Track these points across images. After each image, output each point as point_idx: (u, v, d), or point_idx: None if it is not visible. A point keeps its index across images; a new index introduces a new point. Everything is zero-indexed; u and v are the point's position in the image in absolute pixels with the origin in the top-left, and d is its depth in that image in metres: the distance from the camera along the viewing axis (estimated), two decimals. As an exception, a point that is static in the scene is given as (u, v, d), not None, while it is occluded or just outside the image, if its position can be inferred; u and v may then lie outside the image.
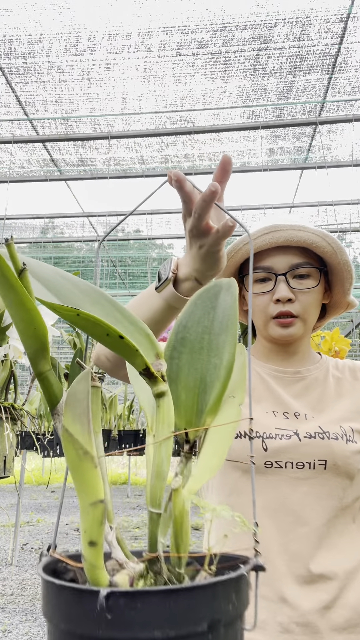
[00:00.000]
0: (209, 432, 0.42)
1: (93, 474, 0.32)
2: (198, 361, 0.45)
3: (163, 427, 0.39)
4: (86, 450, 0.32)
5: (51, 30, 2.80)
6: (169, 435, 0.39)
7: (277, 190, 4.64)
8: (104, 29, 2.80)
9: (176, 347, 0.46)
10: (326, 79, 3.14)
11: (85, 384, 0.35)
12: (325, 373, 0.99)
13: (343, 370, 1.01)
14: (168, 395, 0.40)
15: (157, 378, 0.39)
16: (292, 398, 0.94)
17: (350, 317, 6.74)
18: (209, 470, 0.38)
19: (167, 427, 0.39)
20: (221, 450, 0.39)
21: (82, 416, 0.33)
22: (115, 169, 4.12)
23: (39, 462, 15.91)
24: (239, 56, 2.97)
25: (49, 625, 0.33)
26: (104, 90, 3.26)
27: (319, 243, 0.92)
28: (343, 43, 2.86)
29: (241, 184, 4.55)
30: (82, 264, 6.37)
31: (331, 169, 3.76)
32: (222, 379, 0.43)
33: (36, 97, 3.32)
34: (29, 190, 4.68)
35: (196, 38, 2.83)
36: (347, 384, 0.98)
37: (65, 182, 4.33)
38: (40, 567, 0.35)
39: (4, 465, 1.30)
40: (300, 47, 2.90)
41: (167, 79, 3.14)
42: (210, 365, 0.44)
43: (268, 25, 2.75)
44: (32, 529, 6.77)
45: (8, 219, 4.94)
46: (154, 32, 2.80)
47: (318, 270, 0.95)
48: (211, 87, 3.21)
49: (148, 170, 4.08)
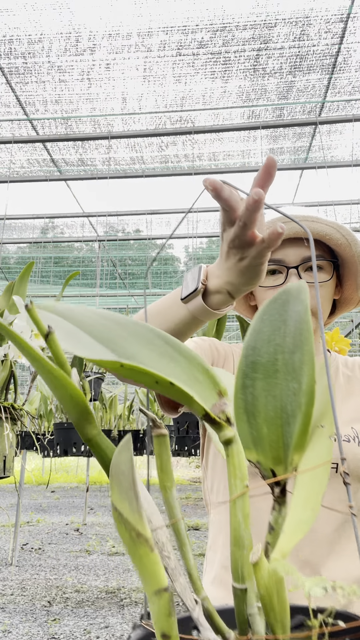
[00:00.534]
0: (299, 472, 0.36)
1: (150, 559, 0.28)
2: (275, 387, 0.39)
3: (235, 481, 0.34)
4: (139, 533, 0.29)
5: (51, 30, 2.80)
6: (244, 491, 0.34)
7: (277, 190, 4.64)
8: (104, 29, 2.80)
9: (248, 374, 0.40)
10: (326, 79, 3.14)
11: (128, 452, 0.31)
12: (335, 371, 0.96)
13: (353, 368, 0.97)
14: (237, 441, 0.35)
15: (221, 423, 0.35)
16: None
17: (350, 317, 6.74)
18: (302, 524, 0.32)
19: (239, 481, 0.34)
20: (315, 497, 0.33)
21: (129, 492, 0.29)
22: (115, 169, 4.12)
23: (39, 462, 15.90)
24: (239, 56, 2.97)
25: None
26: (104, 90, 3.26)
27: (333, 235, 0.88)
28: (343, 43, 2.86)
29: (241, 184, 4.54)
30: (82, 264, 6.37)
31: (331, 169, 3.76)
32: (304, 406, 0.36)
33: (36, 97, 3.32)
34: (29, 190, 4.68)
35: (196, 38, 2.83)
36: (358, 382, 0.95)
37: (65, 182, 4.33)
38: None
39: (4, 465, 1.30)
40: (300, 47, 2.90)
41: (167, 79, 3.14)
42: (289, 390, 0.38)
43: (268, 25, 2.75)
44: (32, 529, 6.77)
45: (8, 219, 4.94)
46: (154, 32, 2.80)
47: (331, 263, 0.91)
48: (211, 87, 3.21)
49: (148, 170, 4.08)
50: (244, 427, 0.38)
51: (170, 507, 0.35)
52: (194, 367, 0.37)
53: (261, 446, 0.37)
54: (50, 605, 3.76)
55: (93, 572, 4.66)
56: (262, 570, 0.30)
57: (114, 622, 3.44)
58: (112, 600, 3.90)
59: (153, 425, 0.34)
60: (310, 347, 0.38)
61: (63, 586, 4.24)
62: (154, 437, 0.34)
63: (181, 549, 0.35)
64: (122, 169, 4.15)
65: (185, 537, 0.35)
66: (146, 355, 0.36)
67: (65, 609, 3.69)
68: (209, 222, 5.09)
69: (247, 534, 0.32)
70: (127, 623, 3.41)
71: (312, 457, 0.35)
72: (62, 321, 0.39)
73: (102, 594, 4.04)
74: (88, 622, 3.44)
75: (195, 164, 4.08)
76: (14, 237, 5.49)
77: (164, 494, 0.35)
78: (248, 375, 0.40)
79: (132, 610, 3.68)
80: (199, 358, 0.38)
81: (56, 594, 4.02)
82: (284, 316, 0.41)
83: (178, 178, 4.38)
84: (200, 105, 3.40)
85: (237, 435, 0.35)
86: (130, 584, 4.31)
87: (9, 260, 6.34)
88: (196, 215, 4.76)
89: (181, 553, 0.35)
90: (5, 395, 1.42)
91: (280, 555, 0.30)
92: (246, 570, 0.32)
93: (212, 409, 0.35)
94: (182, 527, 0.35)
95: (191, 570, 0.34)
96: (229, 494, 0.34)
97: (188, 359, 0.38)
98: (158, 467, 0.35)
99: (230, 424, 0.35)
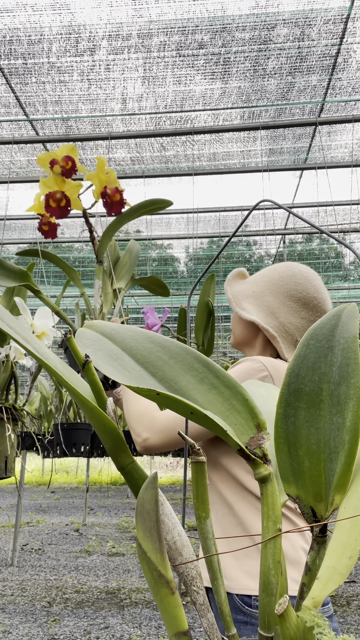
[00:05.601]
0: (339, 515, 0.33)
1: (171, 601, 0.28)
2: (319, 418, 0.36)
3: (268, 523, 0.32)
4: (160, 573, 0.28)
5: (51, 31, 2.80)
6: (277, 534, 0.32)
7: (277, 190, 4.64)
8: (104, 30, 2.80)
9: (290, 403, 0.37)
10: (326, 80, 3.14)
11: (153, 490, 0.30)
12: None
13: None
14: (272, 481, 0.33)
15: (256, 460, 0.33)
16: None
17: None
18: (337, 574, 0.29)
19: (272, 523, 0.32)
20: (353, 545, 0.30)
21: (152, 531, 0.29)
22: (115, 170, 4.12)
23: (39, 462, 15.89)
24: (239, 57, 2.97)
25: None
26: (104, 90, 3.26)
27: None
28: (343, 44, 2.86)
29: (241, 185, 4.56)
30: (83, 264, 6.37)
31: (331, 169, 3.76)
32: (347, 444, 0.33)
33: (36, 98, 3.32)
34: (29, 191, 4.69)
35: (196, 39, 2.83)
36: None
37: (65, 183, 4.32)
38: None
39: (5, 465, 1.30)
40: (300, 47, 2.90)
41: (167, 79, 3.14)
42: (332, 425, 0.35)
43: (268, 26, 2.75)
44: (32, 529, 6.77)
45: (8, 219, 4.94)
46: (154, 33, 2.80)
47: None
48: (211, 87, 3.22)
49: (148, 171, 4.09)
50: (284, 458, 0.35)
51: (205, 538, 0.34)
52: (233, 395, 0.36)
53: (302, 480, 0.35)
54: (50, 606, 3.76)
55: (93, 573, 4.66)
56: (288, 622, 0.28)
57: (114, 622, 3.44)
58: (112, 601, 3.90)
59: (191, 452, 0.32)
60: (357, 380, 0.34)
61: (63, 587, 4.24)
62: (192, 464, 0.33)
63: (213, 583, 0.34)
64: (122, 169, 4.15)
65: (218, 570, 0.33)
66: (187, 381, 0.35)
67: (65, 610, 3.68)
68: (209, 222, 5.09)
69: (275, 579, 0.30)
70: (127, 624, 3.41)
71: (353, 500, 0.32)
72: (107, 342, 0.38)
73: (102, 595, 4.04)
74: (88, 622, 3.44)
75: (195, 164, 4.08)
76: (14, 238, 5.49)
77: (199, 523, 0.34)
78: (291, 404, 0.37)
79: (132, 610, 3.68)
80: (239, 387, 0.36)
81: (56, 595, 4.02)
82: (331, 342, 0.37)
83: (178, 178, 4.38)
84: (200, 106, 3.40)
85: (273, 474, 0.33)
86: (130, 585, 4.31)
87: (9, 260, 6.34)
88: (196, 216, 4.76)
89: (213, 587, 0.34)
90: (6, 396, 1.42)
91: (312, 604, 0.28)
92: (273, 618, 0.30)
93: (249, 443, 0.33)
94: (216, 560, 0.33)
95: (222, 605, 0.33)
96: (261, 536, 0.32)
97: (228, 387, 0.36)
98: (194, 496, 0.33)
99: (267, 461, 0.33)
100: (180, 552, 0.32)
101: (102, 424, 0.34)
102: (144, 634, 3.21)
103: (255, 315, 1.09)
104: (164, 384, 0.36)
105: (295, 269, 1.11)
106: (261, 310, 1.09)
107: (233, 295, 1.13)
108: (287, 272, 1.10)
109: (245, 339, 1.14)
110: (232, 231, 2.43)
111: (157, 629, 3.28)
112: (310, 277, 1.10)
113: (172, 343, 0.38)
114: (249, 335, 1.13)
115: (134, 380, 0.35)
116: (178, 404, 0.31)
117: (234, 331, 1.17)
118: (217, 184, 4.52)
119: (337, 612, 3.58)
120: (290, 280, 1.09)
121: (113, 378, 0.34)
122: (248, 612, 0.91)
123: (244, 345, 1.15)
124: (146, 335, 0.39)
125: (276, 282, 1.10)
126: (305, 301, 1.08)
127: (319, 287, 1.09)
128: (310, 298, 1.08)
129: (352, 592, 4.09)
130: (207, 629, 0.32)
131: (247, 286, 1.14)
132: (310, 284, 1.09)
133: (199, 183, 4.44)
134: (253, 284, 1.14)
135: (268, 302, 1.10)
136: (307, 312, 1.08)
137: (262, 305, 1.10)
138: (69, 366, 0.37)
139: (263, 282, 1.12)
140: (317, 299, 1.08)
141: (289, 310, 1.08)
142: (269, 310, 1.09)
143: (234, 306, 1.12)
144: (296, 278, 1.09)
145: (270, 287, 1.10)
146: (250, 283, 1.15)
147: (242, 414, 0.35)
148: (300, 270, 1.10)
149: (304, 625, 0.28)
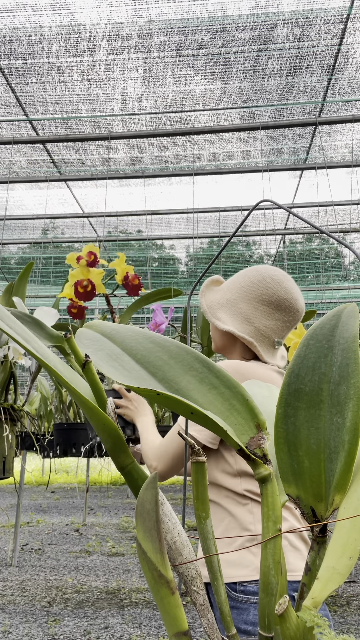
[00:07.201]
0: (339, 515, 0.33)
1: (171, 601, 0.28)
2: (319, 419, 0.36)
3: (268, 524, 0.32)
4: (160, 573, 0.28)
5: (51, 31, 2.80)
6: (277, 534, 0.32)
7: (277, 190, 4.64)
8: (104, 30, 2.80)
9: (290, 403, 0.37)
10: (326, 80, 3.14)
11: (153, 490, 0.30)
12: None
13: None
14: (272, 481, 0.33)
15: (256, 460, 0.33)
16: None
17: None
18: (337, 574, 0.29)
19: (272, 523, 0.32)
20: (353, 545, 0.30)
21: (152, 531, 0.29)
22: (115, 170, 4.12)
23: (38, 462, 15.89)
24: (239, 57, 2.97)
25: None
26: (104, 91, 3.26)
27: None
28: (343, 44, 2.87)
29: (241, 185, 4.55)
30: (82, 264, 6.37)
31: (331, 169, 3.76)
32: (347, 444, 0.33)
33: (36, 98, 3.32)
34: (28, 191, 4.69)
35: (196, 39, 2.83)
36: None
37: (65, 183, 4.33)
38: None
39: (3, 466, 1.30)
40: (300, 47, 2.90)
41: (167, 79, 3.14)
42: (332, 425, 0.35)
43: (268, 26, 2.75)
44: (32, 529, 6.77)
45: (8, 219, 4.94)
46: (154, 33, 2.80)
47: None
48: (211, 87, 3.22)
49: (148, 171, 4.08)
50: (284, 458, 0.35)
51: (205, 538, 0.34)
52: (233, 396, 0.36)
53: (302, 480, 0.34)
54: (50, 606, 3.76)
55: (93, 573, 4.66)
56: (288, 622, 0.28)
57: (114, 622, 3.44)
58: (112, 601, 3.90)
59: (191, 452, 0.32)
60: (357, 380, 0.34)
61: (63, 587, 4.24)
62: (192, 464, 0.32)
63: (213, 583, 0.34)
64: (122, 169, 4.15)
65: (218, 570, 0.33)
66: (187, 381, 0.35)
67: (65, 610, 3.68)
68: (209, 222, 5.09)
69: (276, 581, 0.30)
70: (127, 624, 3.41)
71: (353, 501, 0.32)
72: (107, 342, 0.38)
73: (102, 595, 4.04)
74: (88, 622, 3.44)
75: (195, 164, 4.08)
76: (14, 238, 5.49)
77: (199, 523, 0.34)
78: (290, 405, 0.37)
79: (132, 610, 3.68)
80: (240, 387, 0.36)
81: (56, 595, 4.02)
82: (331, 342, 0.37)
83: (178, 178, 4.38)
84: (200, 106, 3.40)
85: (273, 474, 0.33)
86: (130, 585, 4.31)
87: (10, 260, 6.34)
88: (196, 216, 4.76)
89: (213, 587, 0.34)
90: (5, 396, 1.42)
91: (312, 604, 0.28)
92: (273, 618, 0.30)
93: (249, 443, 0.33)
94: (216, 560, 0.33)
95: (222, 605, 0.33)
96: (262, 536, 0.31)
97: (228, 387, 0.36)
98: (194, 496, 0.33)
99: (267, 461, 0.33)
100: (180, 552, 0.32)
101: (102, 424, 0.34)
102: (144, 634, 3.21)
103: (230, 324, 1.13)
104: (164, 384, 0.36)
105: (264, 273, 1.14)
106: (236, 318, 1.13)
107: (208, 306, 1.17)
108: (257, 277, 1.14)
109: (224, 345, 1.19)
110: (232, 231, 2.43)
111: (157, 629, 3.28)
112: (280, 279, 1.13)
113: (172, 343, 0.38)
114: (228, 342, 1.18)
115: (134, 381, 0.35)
116: (178, 404, 0.31)
117: (214, 339, 1.21)
118: (217, 184, 4.52)
119: (337, 612, 3.58)
120: (260, 285, 1.12)
121: (113, 378, 0.34)
122: (234, 596, 0.95)
123: (224, 350, 1.20)
124: (146, 335, 0.39)
125: (247, 288, 1.13)
126: (277, 304, 1.11)
127: (289, 288, 1.13)
128: (281, 300, 1.11)
129: (352, 592, 4.09)
130: (207, 629, 0.32)
131: (221, 294, 1.18)
132: (280, 286, 1.12)
133: (199, 183, 4.44)
134: (226, 291, 1.18)
135: (241, 309, 1.13)
136: (281, 313, 1.11)
137: (236, 313, 1.13)
138: (69, 366, 0.37)
139: (235, 289, 1.16)
140: (288, 300, 1.11)
141: (262, 315, 1.11)
142: (243, 317, 1.12)
143: (209, 317, 1.15)
144: (266, 282, 1.12)
145: (242, 294, 1.14)
146: (223, 291, 1.19)
147: (242, 414, 0.35)
148: (269, 274, 1.14)
149: (304, 625, 0.28)
